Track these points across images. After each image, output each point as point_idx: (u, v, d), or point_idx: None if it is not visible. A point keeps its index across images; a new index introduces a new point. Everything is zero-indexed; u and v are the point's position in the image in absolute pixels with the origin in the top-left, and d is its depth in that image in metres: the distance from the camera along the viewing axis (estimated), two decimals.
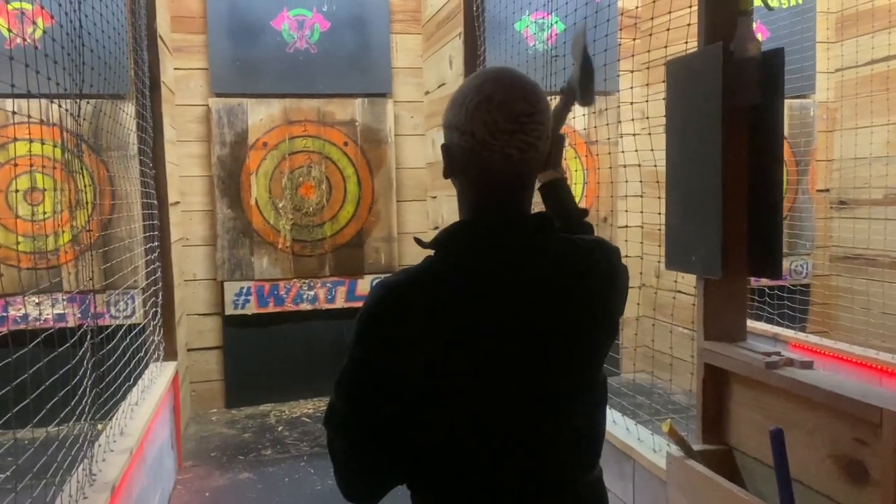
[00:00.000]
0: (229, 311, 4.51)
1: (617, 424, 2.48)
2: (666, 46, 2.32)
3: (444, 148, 1.10)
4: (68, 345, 1.86)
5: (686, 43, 2.09)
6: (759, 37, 2.08)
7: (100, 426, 2.10)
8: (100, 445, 2.18)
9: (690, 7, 2.03)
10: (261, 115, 4.46)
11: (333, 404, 1.08)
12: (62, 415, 1.85)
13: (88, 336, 2.03)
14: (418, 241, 1.15)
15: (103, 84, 2.74)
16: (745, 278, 1.95)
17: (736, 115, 1.84)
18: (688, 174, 1.94)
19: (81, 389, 1.94)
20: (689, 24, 2.11)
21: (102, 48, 2.65)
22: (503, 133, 1.03)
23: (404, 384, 1.03)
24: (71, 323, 3.85)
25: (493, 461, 1.07)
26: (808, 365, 1.74)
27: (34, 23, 1.50)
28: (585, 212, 1.41)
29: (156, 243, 3.41)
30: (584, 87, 1.34)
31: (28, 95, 1.50)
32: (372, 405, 1.04)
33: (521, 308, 1.04)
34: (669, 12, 2.23)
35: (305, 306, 4.61)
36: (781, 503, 1.56)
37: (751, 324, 2.85)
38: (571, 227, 1.35)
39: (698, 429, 2.01)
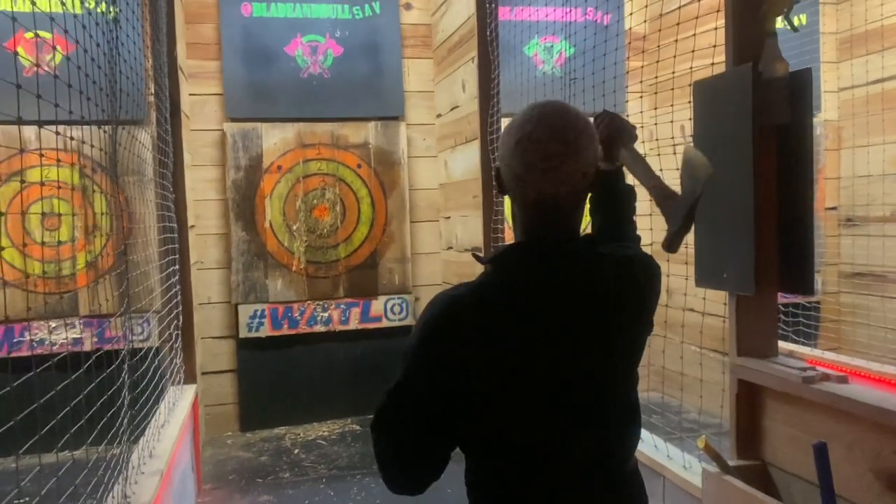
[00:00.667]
0: (243, 333, 4.52)
1: (645, 442, 2.49)
2: (689, 70, 2.36)
3: (496, 171, 1.18)
4: (113, 367, 1.88)
5: (712, 64, 2.13)
6: None
7: (117, 450, 2.10)
8: (134, 467, 2.19)
9: (715, 29, 2.07)
10: (275, 139, 4.51)
11: (382, 409, 1.14)
12: (107, 437, 1.86)
13: (127, 358, 2.04)
14: (476, 256, 1.22)
15: (125, 109, 2.77)
16: (776, 294, 1.97)
17: (765, 134, 1.88)
18: (718, 193, 1.97)
19: (123, 412, 1.95)
20: (714, 46, 2.15)
21: (133, 73, 2.69)
22: (535, 171, 1.10)
23: (449, 398, 1.09)
24: (87, 347, 3.87)
25: (533, 469, 1.13)
26: (843, 380, 1.76)
27: (54, 48, 1.52)
28: (634, 195, 1.51)
29: (176, 266, 3.43)
30: (676, 236, 1.37)
31: (52, 122, 1.49)
32: (417, 416, 1.11)
33: (565, 328, 1.11)
34: (694, 35, 2.27)
35: (319, 328, 4.62)
36: None
37: None
38: (619, 209, 1.47)
39: (732, 445, 2.03)
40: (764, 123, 1.86)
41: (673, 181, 1.51)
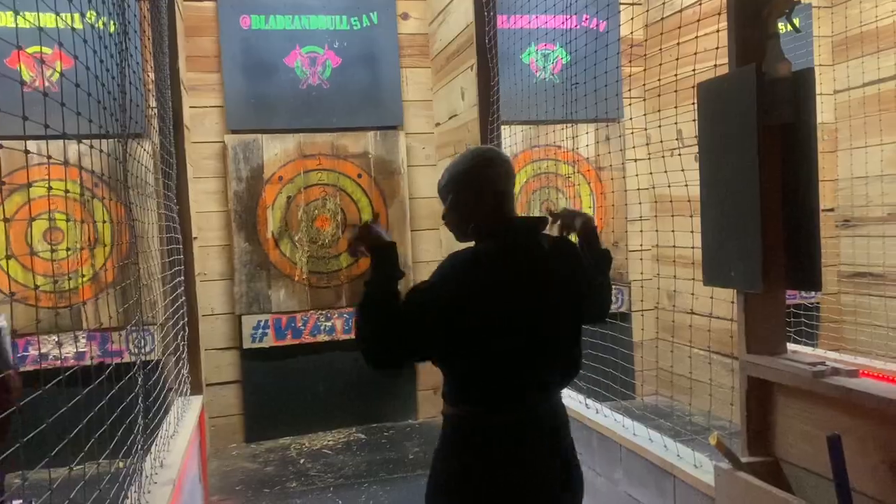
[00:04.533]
0: (247, 344, 4.53)
1: (654, 442, 2.50)
2: (675, 77, 2.39)
3: (453, 196, 1.72)
4: (125, 379, 1.88)
5: (694, 71, 2.15)
6: None
7: (121, 463, 2.09)
8: (147, 476, 2.19)
9: (715, 32, 2.10)
10: (276, 150, 4.53)
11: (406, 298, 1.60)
12: (110, 448, 1.85)
13: (141, 370, 2.05)
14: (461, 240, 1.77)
15: (127, 123, 2.77)
16: (784, 291, 1.99)
17: (769, 133, 1.90)
18: (724, 192, 2.00)
19: (138, 423, 1.95)
20: (697, 53, 2.18)
21: (132, 88, 2.69)
22: (500, 179, 1.71)
23: (451, 311, 1.54)
24: (88, 360, 3.86)
25: (504, 377, 1.61)
26: (853, 374, 1.78)
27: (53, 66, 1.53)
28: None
29: (181, 278, 3.43)
30: None
31: (58, 136, 1.47)
32: (426, 309, 1.55)
33: (531, 276, 1.66)
34: (696, 38, 2.30)
35: (323, 337, 4.63)
36: None
37: None
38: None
39: (743, 441, 2.04)
40: (768, 123, 1.89)
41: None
